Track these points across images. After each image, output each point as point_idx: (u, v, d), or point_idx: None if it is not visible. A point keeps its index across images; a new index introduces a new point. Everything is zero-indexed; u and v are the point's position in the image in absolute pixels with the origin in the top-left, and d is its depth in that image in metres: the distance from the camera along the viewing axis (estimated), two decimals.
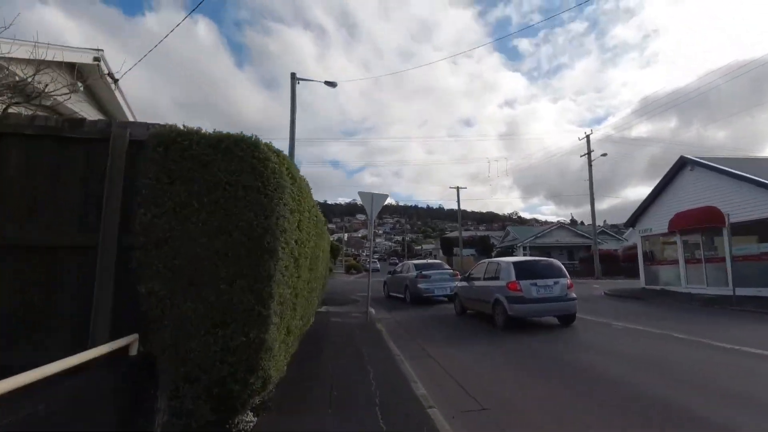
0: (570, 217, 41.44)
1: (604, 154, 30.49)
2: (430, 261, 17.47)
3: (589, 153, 31.20)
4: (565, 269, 10.60)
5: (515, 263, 10.08)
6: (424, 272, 15.00)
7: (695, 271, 16.12)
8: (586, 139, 31.22)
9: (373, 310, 11.50)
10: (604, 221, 67.76)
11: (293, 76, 16.69)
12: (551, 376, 5.46)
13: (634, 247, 38.61)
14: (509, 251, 39.48)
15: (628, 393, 4.67)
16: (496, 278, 10.19)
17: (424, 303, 14.65)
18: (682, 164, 16.55)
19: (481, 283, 11.00)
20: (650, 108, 64.57)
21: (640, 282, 19.08)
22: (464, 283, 12.02)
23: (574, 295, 9.94)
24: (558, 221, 39.82)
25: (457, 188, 40.63)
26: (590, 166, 31.20)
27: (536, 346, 7.35)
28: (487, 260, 11.88)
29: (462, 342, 7.94)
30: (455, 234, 62.62)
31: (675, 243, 17.06)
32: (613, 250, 37.11)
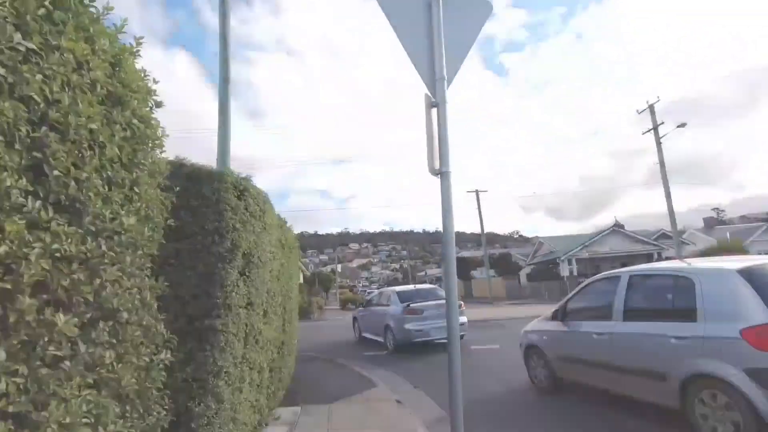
0: (614, 221, 33.19)
1: (683, 125, 22.62)
2: (419, 287, 12.33)
3: (656, 128, 23.46)
4: None
5: None
6: (412, 305, 10.18)
7: None
8: (649, 109, 23.54)
9: None
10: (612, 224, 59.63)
11: None
12: None
13: (712, 249, 30.68)
14: (549, 267, 30.95)
15: None
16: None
17: (412, 350, 9.89)
18: None
19: (652, 327, 4.16)
20: (641, 118, 57.78)
21: None
22: (556, 326, 5.55)
23: None
24: (612, 226, 31.51)
25: (476, 191, 32.40)
26: (659, 144, 23.44)
27: None
28: (677, 263, 4.43)
29: None
30: (470, 253, 54.23)
31: None
32: (684, 258, 28.95)
